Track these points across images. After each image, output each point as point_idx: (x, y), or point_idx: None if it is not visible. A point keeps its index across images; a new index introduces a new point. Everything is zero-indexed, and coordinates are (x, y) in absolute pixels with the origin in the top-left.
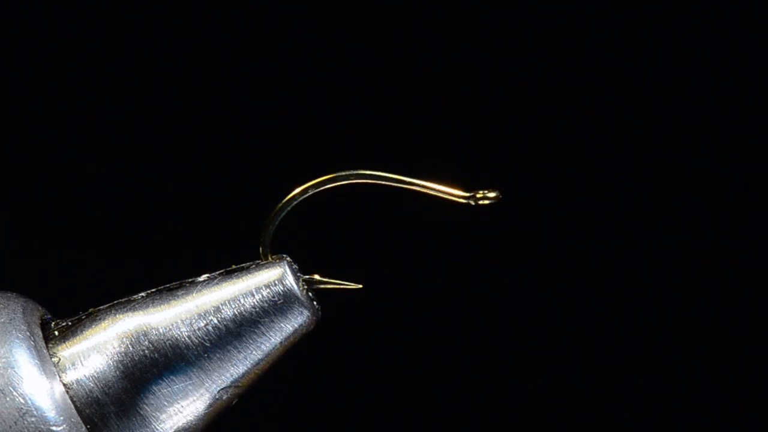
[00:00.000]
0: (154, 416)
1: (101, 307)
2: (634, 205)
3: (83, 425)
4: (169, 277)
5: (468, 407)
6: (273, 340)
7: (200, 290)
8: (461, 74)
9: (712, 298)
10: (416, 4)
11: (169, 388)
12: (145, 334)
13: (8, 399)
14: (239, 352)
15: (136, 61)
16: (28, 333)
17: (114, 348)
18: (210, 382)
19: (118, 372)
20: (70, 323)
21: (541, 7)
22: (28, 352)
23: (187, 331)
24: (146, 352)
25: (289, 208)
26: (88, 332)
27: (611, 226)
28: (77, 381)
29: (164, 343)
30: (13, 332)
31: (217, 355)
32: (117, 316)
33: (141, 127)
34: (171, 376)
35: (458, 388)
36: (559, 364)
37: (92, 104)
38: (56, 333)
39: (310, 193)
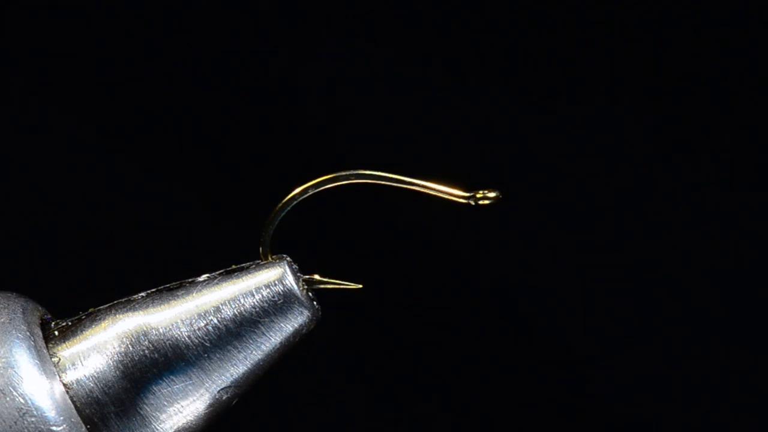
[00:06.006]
0: (154, 416)
1: (101, 307)
2: (634, 205)
3: (83, 425)
4: (169, 277)
5: (468, 407)
6: (273, 340)
7: (200, 290)
8: (461, 74)
9: (712, 298)
10: (416, 4)
11: (169, 388)
12: (145, 334)
13: (8, 399)
14: (239, 352)
15: (136, 60)
16: (28, 333)
17: (114, 348)
18: (210, 382)
19: (118, 372)
20: (70, 323)
21: (540, 7)
22: (28, 352)
23: (187, 331)
24: (146, 352)
25: (289, 208)
26: (88, 332)
27: (611, 227)
28: (77, 381)
29: (164, 343)
30: (13, 332)
31: (217, 355)
32: (117, 316)
33: (141, 126)
34: (171, 376)
35: (458, 389)
36: (558, 362)
37: (93, 103)
38: (56, 333)
39: (310, 193)
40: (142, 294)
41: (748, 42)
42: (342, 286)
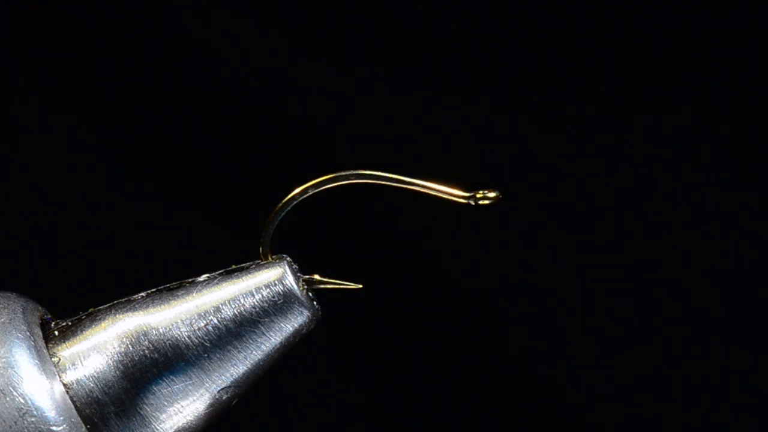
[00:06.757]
0: (154, 416)
1: (101, 307)
2: (634, 205)
3: (83, 425)
4: (169, 277)
5: (468, 407)
6: (273, 340)
7: (200, 290)
8: (461, 74)
9: (712, 299)
10: (416, 4)
11: (169, 388)
12: (145, 334)
13: (8, 399)
14: (239, 352)
15: (136, 60)
16: (28, 333)
17: (114, 348)
18: (210, 382)
19: (118, 372)
20: (70, 323)
21: (540, 7)
22: (28, 352)
23: (187, 331)
24: (146, 352)
25: (289, 208)
26: (88, 332)
27: (611, 227)
28: (77, 381)
29: (164, 343)
30: (13, 332)
31: (217, 355)
32: (117, 316)
33: (141, 126)
34: (171, 376)
35: (458, 388)
36: (558, 362)
37: (93, 103)
38: (56, 333)
39: (310, 193)
40: (142, 294)
41: (748, 42)
42: (342, 286)
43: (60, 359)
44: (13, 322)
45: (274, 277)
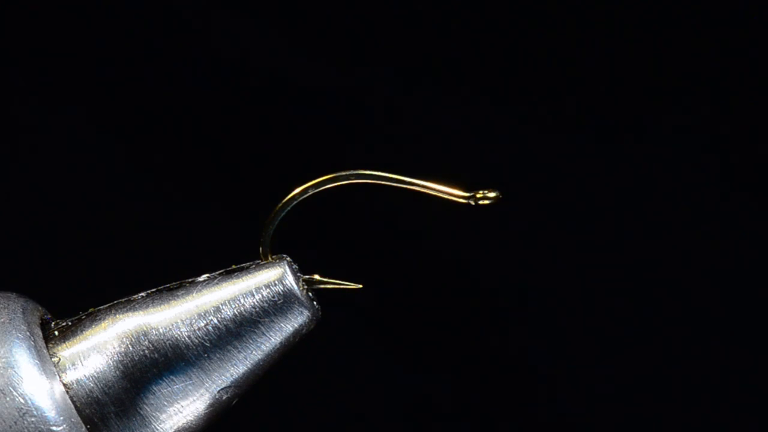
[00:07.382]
0: (154, 416)
1: (101, 307)
2: (634, 205)
3: (83, 425)
4: (169, 277)
5: (468, 407)
6: (273, 340)
7: (200, 290)
8: (461, 73)
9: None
10: (416, 4)
11: (169, 388)
12: (145, 334)
13: (8, 399)
14: (239, 352)
15: (136, 60)
16: (28, 333)
17: (114, 348)
18: (210, 382)
19: (118, 372)
20: (70, 323)
21: (540, 7)
22: (28, 352)
23: (187, 331)
24: (146, 352)
25: (289, 208)
26: (88, 332)
27: (611, 227)
28: (77, 381)
29: (164, 343)
30: (13, 332)
31: (217, 355)
32: (117, 316)
33: (141, 126)
34: (171, 376)
35: (458, 389)
36: (559, 362)
37: (93, 103)
38: (56, 333)
39: (310, 193)
40: (142, 294)
41: (748, 42)
42: (342, 286)
43: (60, 359)
44: (13, 322)
45: (274, 277)
